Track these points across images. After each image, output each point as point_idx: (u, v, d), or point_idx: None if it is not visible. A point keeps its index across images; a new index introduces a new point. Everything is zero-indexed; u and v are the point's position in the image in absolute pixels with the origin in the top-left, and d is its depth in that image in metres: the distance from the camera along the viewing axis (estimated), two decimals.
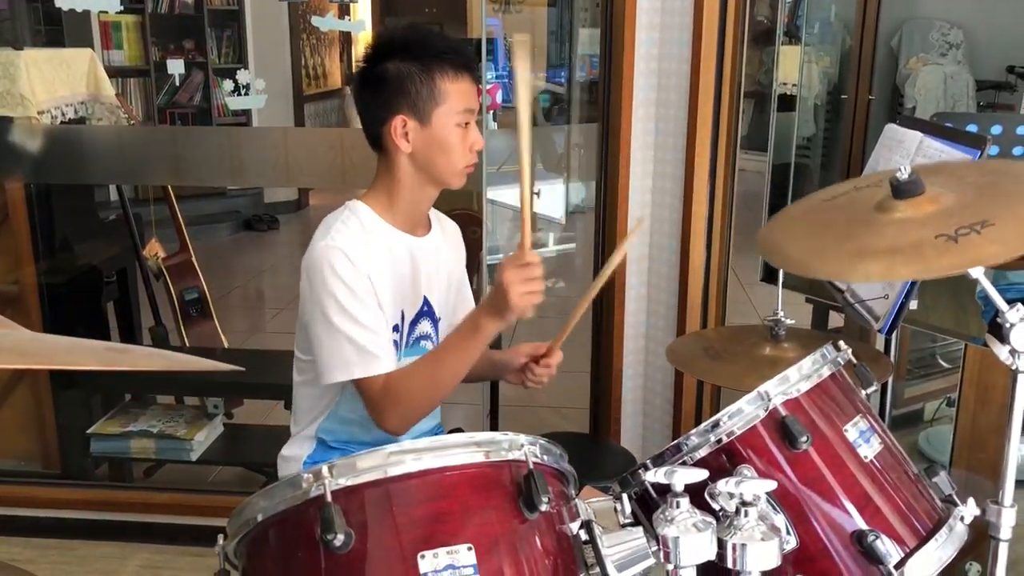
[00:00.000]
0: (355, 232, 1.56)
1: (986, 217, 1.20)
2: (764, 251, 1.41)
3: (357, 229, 1.57)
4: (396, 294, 1.61)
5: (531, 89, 1.50)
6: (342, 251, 1.51)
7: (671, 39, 2.43)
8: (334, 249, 1.51)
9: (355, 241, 1.54)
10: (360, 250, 1.53)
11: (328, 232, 1.55)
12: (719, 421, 1.24)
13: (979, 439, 2.29)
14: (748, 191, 3.09)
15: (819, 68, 4.75)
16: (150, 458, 3.01)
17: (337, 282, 1.50)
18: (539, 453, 1.14)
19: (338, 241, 1.53)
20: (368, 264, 1.54)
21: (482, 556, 1.03)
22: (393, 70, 1.54)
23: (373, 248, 1.57)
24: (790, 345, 1.81)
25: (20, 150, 2.82)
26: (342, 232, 1.55)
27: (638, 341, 2.67)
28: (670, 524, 1.06)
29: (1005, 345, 1.23)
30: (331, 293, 1.50)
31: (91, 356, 0.76)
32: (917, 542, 1.24)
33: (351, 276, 1.51)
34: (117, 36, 6.17)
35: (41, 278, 2.93)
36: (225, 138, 2.77)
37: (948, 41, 5.35)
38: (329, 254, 1.51)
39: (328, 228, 1.57)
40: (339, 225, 1.57)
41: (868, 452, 1.28)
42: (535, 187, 3.40)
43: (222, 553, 1.18)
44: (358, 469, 1.06)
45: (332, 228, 1.56)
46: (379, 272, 1.56)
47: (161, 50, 6.38)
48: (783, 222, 1.47)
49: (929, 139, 1.83)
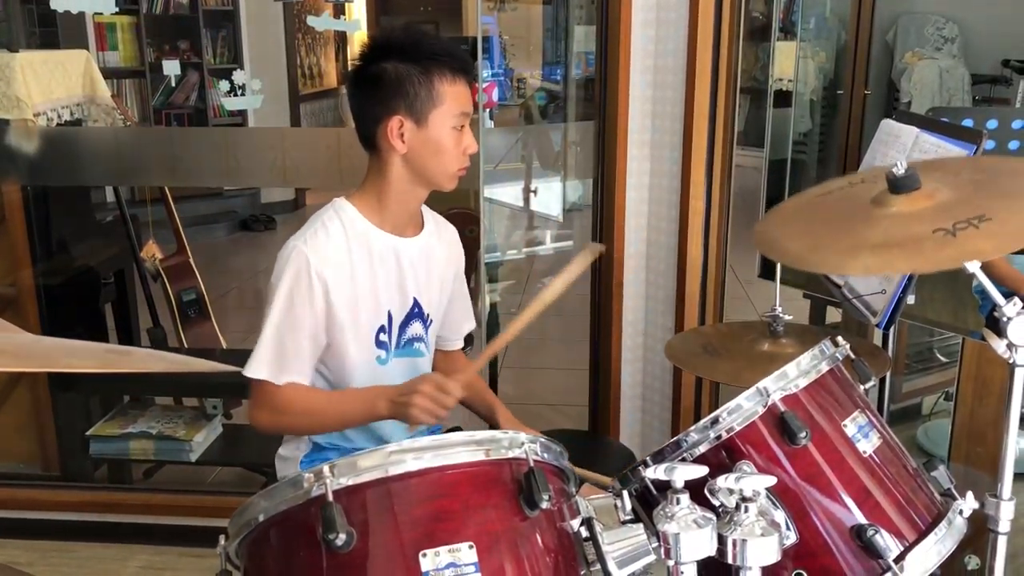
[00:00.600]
0: (333, 237, 1.57)
1: (983, 212, 1.21)
2: (761, 246, 1.41)
3: (336, 232, 1.58)
4: (377, 295, 1.62)
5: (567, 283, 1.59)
6: (307, 258, 1.54)
7: (667, 36, 2.43)
8: (301, 254, 1.54)
9: (327, 249, 1.56)
10: (331, 259, 1.55)
11: (305, 232, 1.58)
12: (718, 417, 1.25)
13: (977, 433, 2.30)
14: (745, 187, 3.09)
15: (815, 63, 4.76)
16: (149, 459, 3.01)
17: (289, 286, 1.54)
18: (539, 451, 1.14)
19: (308, 246, 1.55)
20: (335, 274, 1.55)
21: (483, 554, 1.04)
22: (391, 70, 1.54)
23: (354, 251, 1.58)
24: (788, 341, 1.81)
25: (16, 152, 2.82)
26: (318, 236, 1.57)
27: (636, 338, 2.68)
28: (671, 520, 1.06)
29: (1002, 339, 1.23)
30: (280, 294, 1.54)
31: (92, 358, 0.76)
32: (916, 536, 1.25)
33: (305, 287, 1.53)
34: (112, 37, 6.15)
35: (38, 280, 2.93)
36: (222, 139, 2.76)
37: (943, 35, 5.35)
38: (294, 256, 1.54)
39: (308, 227, 1.59)
40: (319, 226, 1.58)
41: (867, 447, 1.28)
42: (532, 185, 3.41)
43: (223, 553, 1.18)
44: (359, 468, 1.06)
45: (310, 229, 1.58)
46: (352, 279, 1.57)
47: (156, 51, 6.36)
48: (779, 217, 1.48)
49: (925, 134, 1.83)
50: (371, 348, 1.63)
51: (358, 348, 1.61)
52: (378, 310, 1.62)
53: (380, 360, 1.64)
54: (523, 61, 6.76)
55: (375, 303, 1.61)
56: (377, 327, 1.62)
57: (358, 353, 1.61)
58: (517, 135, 3.35)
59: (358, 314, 1.59)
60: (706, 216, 2.47)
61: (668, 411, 2.63)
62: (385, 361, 1.65)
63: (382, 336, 1.63)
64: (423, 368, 1.75)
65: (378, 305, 1.62)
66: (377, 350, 1.63)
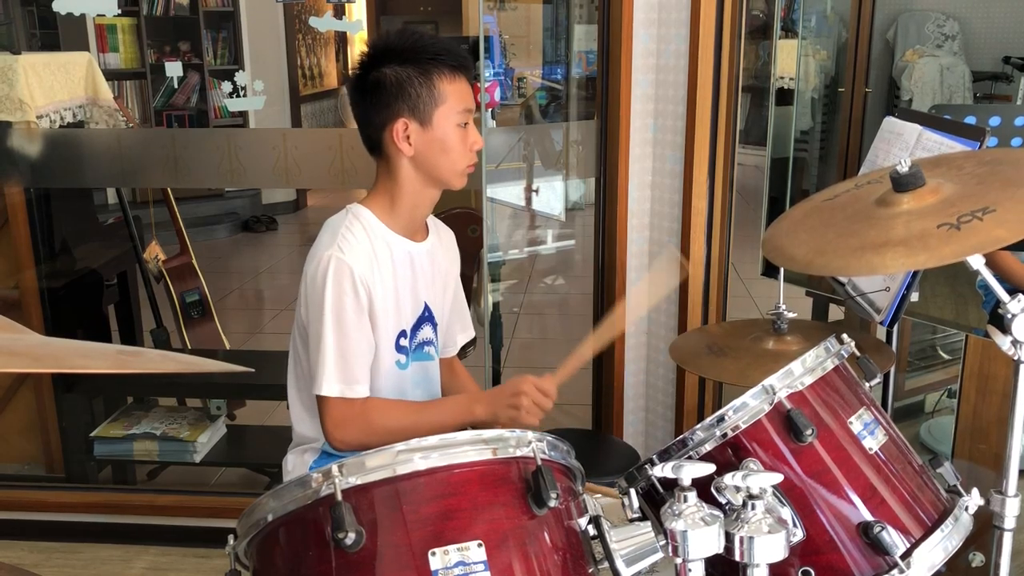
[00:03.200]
0: (361, 242, 1.56)
1: (987, 203, 1.21)
2: (769, 253, 1.42)
3: (362, 238, 1.57)
4: (399, 299, 1.62)
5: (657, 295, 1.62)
6: (349, 267, 1.52)
7: (668, 35, 2.44)
8: (341, 263, 1.52)
9: (361, 254, 1.55)
10: (366, 265, 1.54)
11: (334, 240, 1.55)
12: (724, 415, 1.25)
13: (980, 430, 2.30)
14: (747, 186, 3.10)
15: (816, 61, 4.75)
16: (153, 460, 3.01)
17: (337, 297, 1.52)
18: (546, 449, 1.15)
19: (346, 254, 1.53)
20: (372, 279, 1.55)
21: (492, 552, 1.04)
22: (391, 75, 1.55)
23: (378, 256, 1.57)
24: (793, 339, 1.81)
25: (19, 155, 2.82)
26: (348, 242, 1.55)
27: (639, 337, 2.68)
28: (678, 518, 1.07)
29: (1007, 335, 1.23)
30: (328, 306, 1.52)
31: (104, 359, 0.77)
32: (923, 532, 1.25)
33: (352, 296, 1.52)
34: (112, 39, 6.15)
35: (42, 282, 2.93)
36: (224, 140, 2.76)
37: (944, 32, 5.35)
38: (335, 266, 1.51)
39: (334, 235, 1.56)
40: (344, 232, 1.56)
41: (873, 444, 1.28)
42: (534, 184, 3.41)
43: (233, 553, 1.19)
44: (367, 468, 1.07)
45: (338, 236, 1.55)
46: (382, 283, 1.57)
47: (157, 52, 6.37)
48: (786, 225, 1.48)
49: (928, 132, 1.83)
50: (393, 353, 1.63)
51: (386, 353, 1.61)
52: (400, 314, 1.62)
53: (400, 365, 1.65)
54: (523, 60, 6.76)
55: (397, 307, 1.61)
56: (398, 332, 1.62)
57: (385, 359, 1.61)
58: (518, 134, 3.36)
59: (388, 319, 1.59)
60: (708, 215, 2.47)
61: (671, 410, 2.63)
62: (405, 366, 1.65)
63: (402, 341, 1.63)
64: (434, 372, 1.75)
65: (400, 309, 1.62)
66: (398, 354, 1.64)
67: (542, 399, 1.55)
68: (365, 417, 1.56)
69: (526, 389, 1.54)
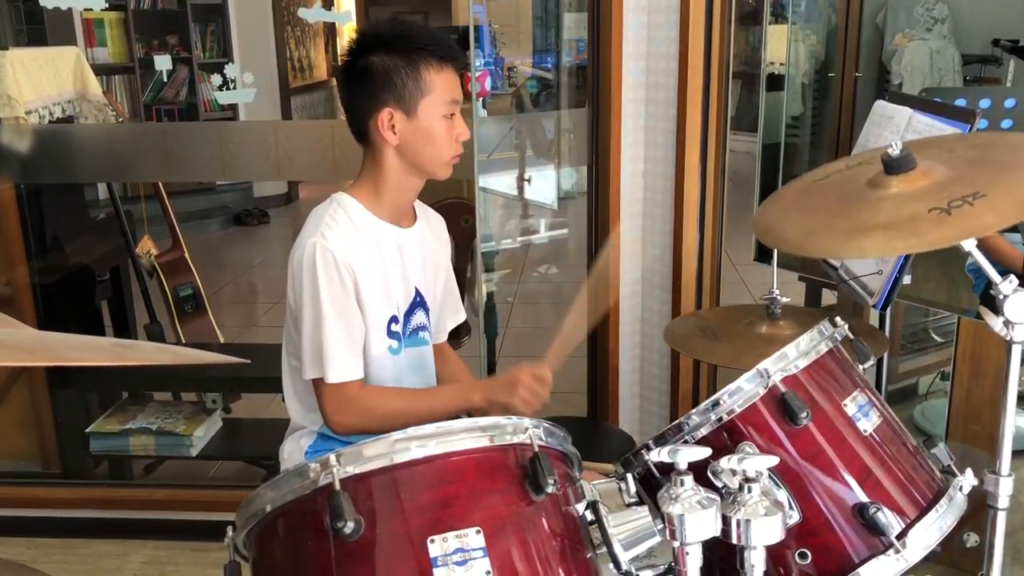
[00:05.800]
0: (345, 229, 1.57)
1: (978, 188, 1.22)
2: (760, 234, 1.42)
3: (346, 224, 1.58)
4: (387, 285, 1.62)
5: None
6: (332, 252, 1.53)
7: (659, 22, 2.43)
8: (325, 249, 1.53)
9: (345, 240, 1.56)
10: (350, 250, 1.55)
11: (318, 228, 1.56)
12: (719, 399, 1.26)
13: (974, 411, 2.32)
14: (739, 172, 3.10)
15: (806, 47, 4.75)
16: (150, 455, 3.01)
17: (325, 284, 1.53)
18: (543, 436, 1.15)
19: (329, 240, 1.54)
20: (357, 263, 1.55)
21: (491, 539, 1.04)
22: (378, 63, 1.55)
23: (362, 243, 1.58)
24: (786, 323, 1.82)
25: (9, 151, 2.80)
26: (332, 229, 1.56)
27: (633, 324, 2.68)
28: (675, 502, 1.07)
29: (999, 317, 1.24)
30: (320, 292, 1.53)
31: (99, 352, 0.77)
32: (918, 513, 1.26)
33: (338, 280, 1.53)
34: (100, 33, 6.12)
35: (34, 279, 2.92)
36: (215, 133, 2.76)
37: (933, 16, 5.35)
38: (320, 253, 1.53)
39: (317, 223, 1.57)
40: (328, 220, 1.57)
41: (867, 426, 1.29)
42: (526, 173, 3.40)
43: (231, 545, 1.19)
44: (365, 457, 1.07)
45: (321, 223, 1.57)
46: (368, 267, 1.58)
47: (145, 46, 6.34)
48: (776, 205, 1.48)
49: (919, 115, 1.84)
50: (384, 338, 1.64)
51: (376, 339, 1.62)
52: (389, 300, 1.63)
53: (392, 350, 1.65)
54: (513, 49, 6.75)
55: (387, 292, 1.62)
56: (389, 317, 1.63)
57: (376, 344, 1.62)
58: (510, 124, 3.35)
59: (377, 303, 1.60)
60: (701, 201, 2.47)
61: (666, 396, 2.64)
62: (398, 351, 1.66)
63: (394, 326, 1.64)
64: (429, 358, 1.75)
65: (389, 295, 1.63)
66: (390, 340, 1.64)
67: (539, 388, 1.56)
68: (363, 401, 1.58)
69: (523, 378, 1.55)
